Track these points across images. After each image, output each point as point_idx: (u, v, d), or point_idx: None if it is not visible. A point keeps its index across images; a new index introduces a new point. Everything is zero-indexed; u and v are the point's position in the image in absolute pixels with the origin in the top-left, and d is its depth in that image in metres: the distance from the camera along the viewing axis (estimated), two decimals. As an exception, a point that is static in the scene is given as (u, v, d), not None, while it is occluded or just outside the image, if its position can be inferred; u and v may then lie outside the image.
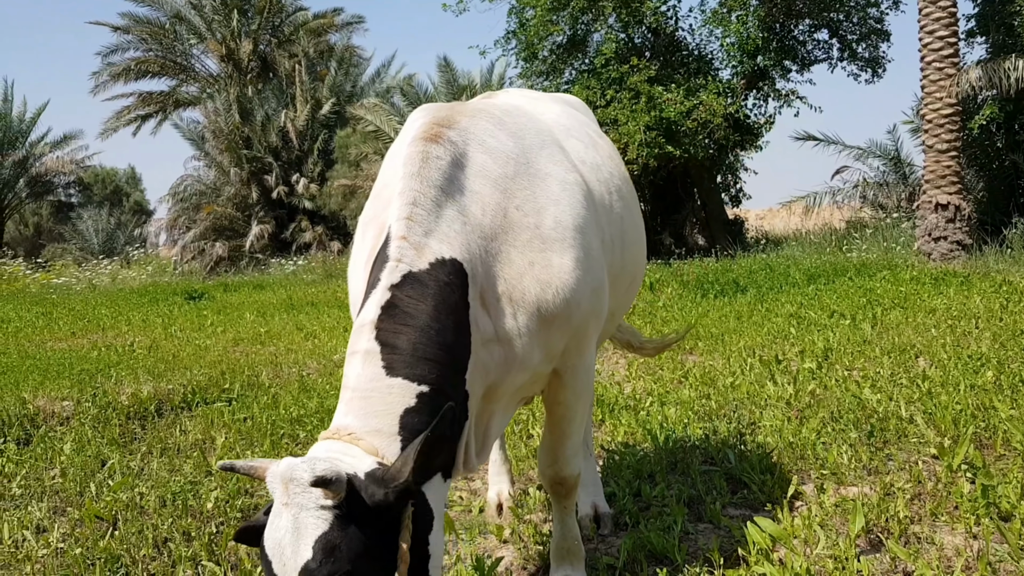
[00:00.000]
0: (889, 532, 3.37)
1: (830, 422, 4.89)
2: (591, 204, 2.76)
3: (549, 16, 20.02)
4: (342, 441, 2.09)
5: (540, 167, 2.63)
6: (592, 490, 3.78)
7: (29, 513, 4.15)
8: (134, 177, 48.13)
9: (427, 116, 2.65)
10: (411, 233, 2.30)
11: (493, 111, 2.75)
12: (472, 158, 2.51)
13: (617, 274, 3.07)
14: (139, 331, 11.41)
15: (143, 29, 30.96)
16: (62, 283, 21.18)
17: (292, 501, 1.91)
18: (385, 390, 2.14)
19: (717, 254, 18.02)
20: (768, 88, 21.32)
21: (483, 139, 2.58)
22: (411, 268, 2.25)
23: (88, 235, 35.60)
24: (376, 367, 2.16)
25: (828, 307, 9.84)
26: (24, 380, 7.40)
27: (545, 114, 3.15)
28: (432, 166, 2.41)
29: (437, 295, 2.24)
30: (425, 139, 2.48)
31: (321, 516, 1.90)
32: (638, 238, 3.38)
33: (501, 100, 3.17)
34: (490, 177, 2.51)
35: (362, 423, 2.11)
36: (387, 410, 2.12)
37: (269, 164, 27.56)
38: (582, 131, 3.21)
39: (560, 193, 2.60)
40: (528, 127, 2.77)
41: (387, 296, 2.23)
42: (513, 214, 2.50)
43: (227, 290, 18.04)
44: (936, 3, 14.98)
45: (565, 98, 3.80)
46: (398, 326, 2.20)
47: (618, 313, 3.40)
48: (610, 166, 3.20)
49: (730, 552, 3.30)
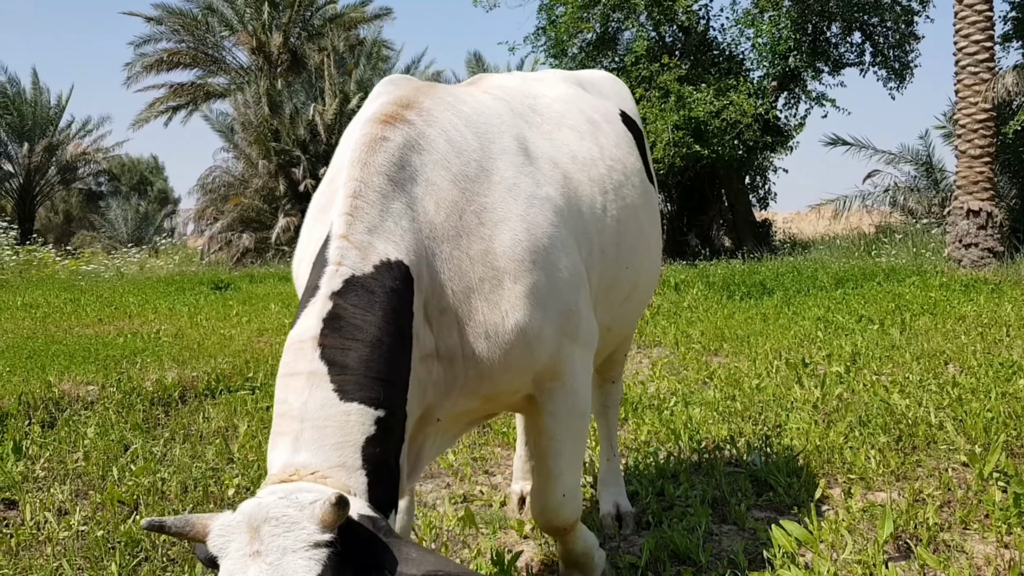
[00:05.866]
0: (918, 539, 3.30)
1: (858, 426, 4.82)
2: (564, 220, 2.44)
3: (580, 13, 19.96)
4: (305, 481, 1.75)
5: (504, 176, 2.33)
6: (614, 489, 3.72)
7: (51, 495, 4.17)
8: (157, 167, 48.61)
9: (388, 95, 2.42)
10: (352, 231, 2.02)
11: (462, 106, 2.45)
12: (433, 143, 2.25)
13: (611, 284, 2.81)
14: (165, 319, 11.47)
15: (175, 20, 31.16)
16: (91, 270, 21.34)
17: (268, 547, 1.59)
18: (342, 418, 1.84)
19: (744, 256, 17.89)
20: (799, 90, 21.13)
21: (446, 127, 2.31)
22: (354, 272, 1.97)
23: (116, 224, 35.98)
24: (326, 391, 1.85)
25: (856, 311, 9.73)
26: (50, 364, 7.45)
27: (539, 98, 2.84)
28: (380, 151, 2.15)
29: (385, 304, 1.97)
30: (378, 121, 2.23)
31: (313, 557, 1.59)
32: (643, 245, 3.04)
33: (494, 82, 2.89)
34: (450, 170, 2.23)
35: (322, 458, 1.79)
36: (347, 441, 1.82)
37: (297, 157, 27.65)
38: (580, 118, 2.87)
39: (523, 210, 2.30)
40: (497, 129, 2.45)
41: (329, 306, 1.93)
42: (469, 219, 2.21)
43: (253, 281, 18.11)
44: (972, 7, 14.76)
45: (583, 77, 3.45)
46: (346, 341, 1.90)
47: (618, 325, 3.10)
48: (609, 160, 2.86)
49: (755, 554, 3.25)
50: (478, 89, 2.74)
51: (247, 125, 27.87)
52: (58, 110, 36.24)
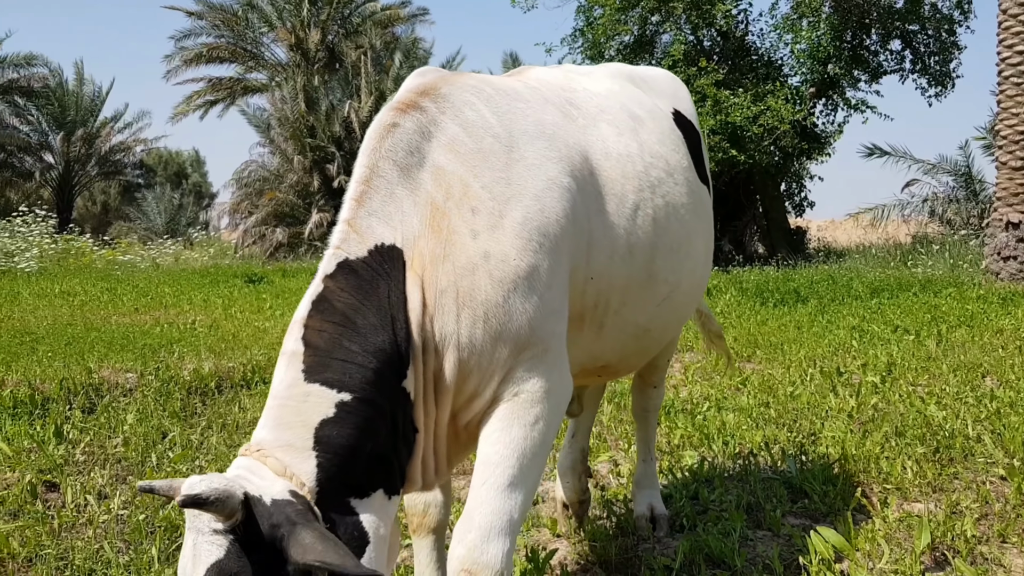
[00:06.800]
0: (955, 551, 3.27)
1: (894, 437, 4.78)
2: (580, 215, 2.33)
3: (618, 16, 19.95)
4: (248, 458, 1.84)
5: (523, 154, 2.25)
6: (649, 491, 3.71)
7: (92, 479, 4.24)
8: (198, 160, 49.14)
9: (412, 82, 2.41)
10: (356, 215, 2.06)
11: (485, 87, 2.38)
12: (444, 128, 2.20)
13: (644, 283, 2.65)
14: (200, 310, 11.60)
15: (216, 15, 31.51)
16: (127, 260, 21.63)
17: (191, 524, 1.72)
18: (300, 398, 1.88)
19: (777, 263, 17.78)
20: (838, 97, 20.96)
21: (461, 109, 2.25)
22: (347, 256, 2.01)
23: (152, 215, 36.41)
24: (296, 371, 1.90)
25: (891, 321, 9.63)
26: (89, 351, 7.57)
27: (579, 91, 2.75)
28: (392, 138, 2.14)
29: (368, 286, 1.97)
30: (392, 108, 2.23)
31: (214, 542, 1.69)
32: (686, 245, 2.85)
33: (534, 75, 2.81)
34: (459, 152, 2.17)
35: (274, 436, 1.86)
36: (300, 421, 1.86)
37: (332, 154, 27.85)
38: (621, 114, 2.76)
39: (542, 190, 2.21)
40: (522, 112, 2.36)
41: (320, 288, 1.99)
42: (477, 192, 2.13)
43: (285, 275, 18.25)
44: (1016, 17, 14.57)
45: (640, 73, 3.34)
46: (323, 323, 1.94)
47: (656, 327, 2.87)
48: (649, 156, 2.72)
49: (790, 560, 3.23)
50: (515, 79, 2.70)
51: (283, 121, 28.13)
52: (99, 102, 36.76)
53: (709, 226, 3.17)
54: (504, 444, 2.11)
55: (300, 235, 26.76)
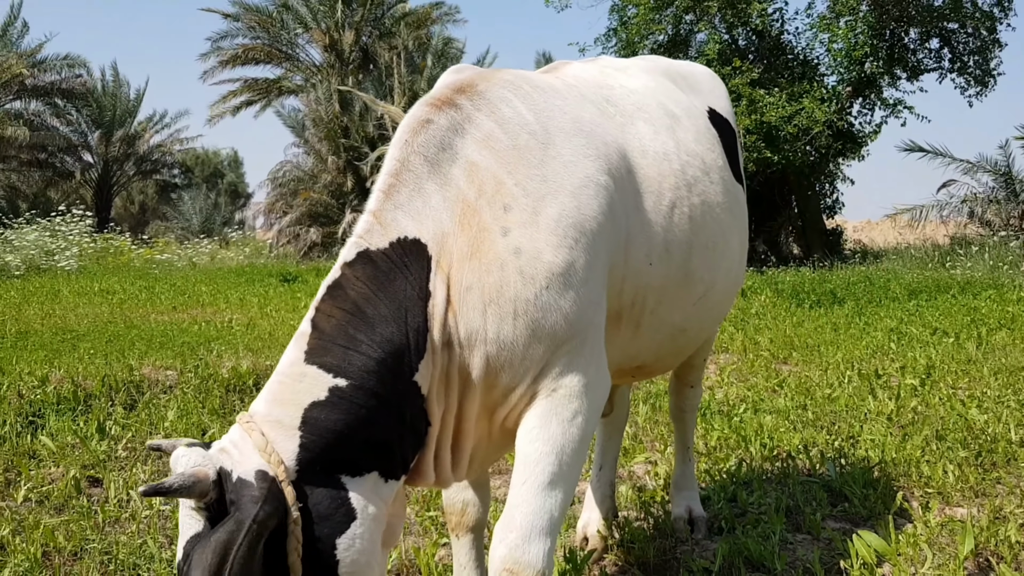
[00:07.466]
0: (1000, 557, 3.23)
1: (934, 440, 4.72)
2: (618, 213, 2.31)
3: (652, 15, 19.85)
4: (241, 428, 1.90)
5: (562, 151, 2.22)
6: (688, 492, 3.69)
7: (134, 475, 4.31)
8: (236, 160, 49.56)
9: (449, 79, 2.41)
10: (383, 207, 2.08)
11: (522, 84, 2.35)
12: (478, 124, 2.19)
13: (680, 282, 2.63)
14: (236, 309, 11.72)
15: (252, 17, 31.79)
16: (164, 259, 21.89)
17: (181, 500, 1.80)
18: (297, 377, 1.93)
19: (813, 264, 17.60)
20: (875, 96, 20.69)
21: (497, 106, 2.23)
22: (368, 246, 2.04)
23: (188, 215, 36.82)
24: (299, 351, 1.96)
25: (930, 324, 9.52)
26: (130, 348, 7.68)
27: (615, 88, 2.71)
28: (422, 133, 2.15)
29: (384, 278, 2.00)
30: (427, 104, 2.24)
31: (193, 516, 1.77)
32: (722, 244, 2.84)
33: (571, 71, 2.78)
34: (494, 148, 2.16)
35: (267, 410, 1.91)
36: (293, 400, 1.90)
37: (365, 154, 27.94)
38: (658, 112, 2.73)
39: (578, 187, 2.18)
40: (559, 109, 2.33)
41: (337, 275, 2.04)
42: (510, 189, 2.11)
43: (319, 275, 18.37)
44: (1061, 14, 14.32)
45: (679, 69, 3.27)
46: (333, 308, 1.99)
47: (692, 326, 2.86)
48: (685, 155, 2.69)
49: (831, 564, 3.21)
50: (552, 76, 2.67)
51: (318, 121, 28.30)
52: (136, 103, 37.21)
53: (744, 225, 3.15)
54: (543, 441, 2.10)
55: (334, 235, 26.91)
